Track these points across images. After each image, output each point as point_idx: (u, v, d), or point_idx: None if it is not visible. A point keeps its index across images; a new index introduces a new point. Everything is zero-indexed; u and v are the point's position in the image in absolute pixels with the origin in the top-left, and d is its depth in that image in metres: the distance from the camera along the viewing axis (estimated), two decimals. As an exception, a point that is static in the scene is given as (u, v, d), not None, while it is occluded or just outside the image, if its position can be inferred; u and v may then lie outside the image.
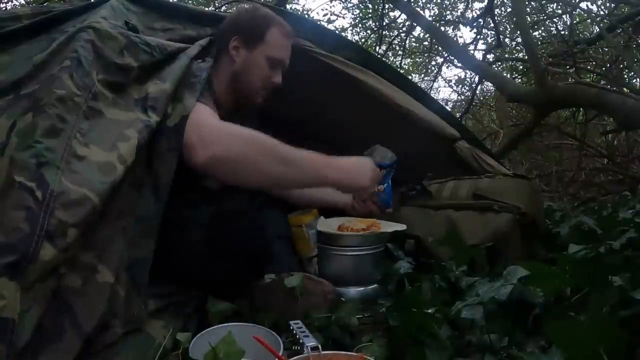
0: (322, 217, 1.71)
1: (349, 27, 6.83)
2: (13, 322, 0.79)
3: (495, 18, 4.81)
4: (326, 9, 13.85)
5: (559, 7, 5.00)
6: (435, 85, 7.38)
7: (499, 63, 5.42)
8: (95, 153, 0.99)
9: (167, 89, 1.17)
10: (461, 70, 6.40)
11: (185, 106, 1.17)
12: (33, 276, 0.83)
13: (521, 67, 5.44)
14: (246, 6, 1.57)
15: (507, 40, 5.91)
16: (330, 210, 1.84)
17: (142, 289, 1.03)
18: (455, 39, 6.16)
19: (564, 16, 5.03)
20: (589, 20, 5.01)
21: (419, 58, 7.40)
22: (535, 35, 5.13)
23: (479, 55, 5.30)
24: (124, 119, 1.08)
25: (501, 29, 5.51)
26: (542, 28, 5.46)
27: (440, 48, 5.68)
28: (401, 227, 1.58)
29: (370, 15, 6.50)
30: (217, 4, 5.34)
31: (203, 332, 1.05)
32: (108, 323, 0.93)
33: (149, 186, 1.09)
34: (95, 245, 0.95)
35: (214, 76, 1.44)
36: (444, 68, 7.16)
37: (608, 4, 4.43)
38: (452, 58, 5.33)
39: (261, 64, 1.48)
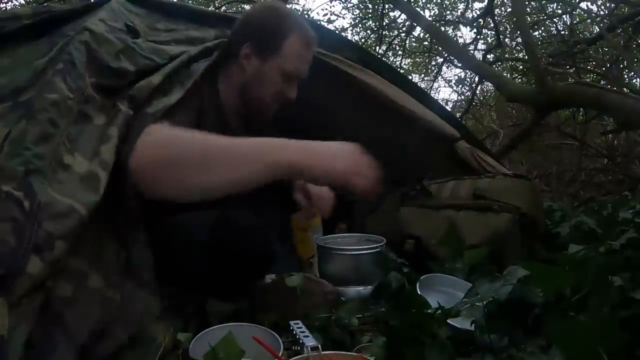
0: None
1: (349, 27, 6.85)
2: (2, 340, 0.76)
3: (495, 18, 4.82)
4: (326, 9, 13.82)
5: (559, 7, 5.01)
6: (435, 85, 7.40)
7: (499, 63, 5.42)
8: (79, 163, 0.95)
9: (153, 82, 1.12)
10: (461, 70, 6.40)
11: (170, 99, 1.08)
12: (20, 291, 0.79)
13: (521, 67, 5.45)
14: (263, 3, 1.41)
15: (507, 40, 5.91)
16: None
17: (148, 287, 0.99)
18: (455, 39, 6.16)
19: (564, 16, 5.05)
20: (589, 20, 5.02)
21: (419, 58, 7.41)
22: (535, 35, 5.13)
23: (479, 55, 5.30)
24: (108, 120, 1.04)
25: (501, 29, 5.52)
26: (542, 28, 5.47)
27: (440, 48, 5.68)
28: None
29: (370, 15, 6.51)
30: (217, 4, 5.34)
31: (203, 332, 1.05)
32: (105, 330, 0.90)
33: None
34: (84, 249, 0.92)
35: (223, 80, 1.38)
36: (444, 68, 7.14)
37: (608, 4, 4.43)
38: (452, 58, 5.33)
39: (274, 78, 1.35)
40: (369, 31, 6.67)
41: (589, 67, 4.58)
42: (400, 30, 6.30)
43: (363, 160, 1.04)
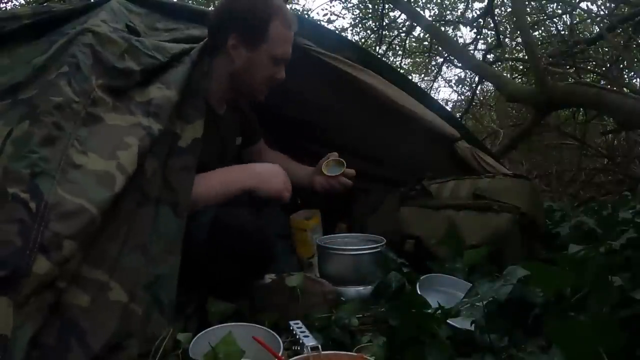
0: None
1: (349, 27, 6.84)
2: (6, 339, 0.77)
3: (495, 18, 4.81)
4: (326, 9, 13.83)
5: (559, 7, 5.00)
6: (435, 85, 7.39)
7: (499, 63, 5.42)
8: (93, 161, 0.97)
9: (172, 97, 1.15)
10: (461, 70, 6.40)
11: (195, 129, 1.19)
12: (27, 290, 0.80)
13: (521, 67, 5.44)
14: None
15: (507, 40, 5.91)
16: (328, 209, 1.84)
17: (167, 307, 1.00)
18: (455, 39, 6.16)
19: (564, 16, 5.04)
20: (589, 20, 5.01)
21: (419, 58, 7.40)
22: (535, 35, 5.13)
23: (479, 55, 5.29)
24: (124, 124, 1.06)
25: (501, 29, 5.51)
26: (542, 28, 5.46)
27: (440, 48, 5.68)
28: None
29: (370, 15, 6.50)
30: (217, 4, 5.34)
31: (203, 332, 1.05)
32: (121, 343, 0.90)
33: (167, 203, 1.08)
34: (104, 261, 0.93)
35: (211, 70, 1.37)
36: (444, 68, 7.12)
37: (608, 4, 4.43)
38: (452, 58, 5.33)
39: (265, 64, 1.39)
40: (369, 31, 6.66)
41: (589, 67, 4.58)
42: (400, 30, 6.29)
43: (287, 178, 1.40)
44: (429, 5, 6.35)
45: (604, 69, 4.40)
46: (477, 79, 5.31)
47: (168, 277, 1.02)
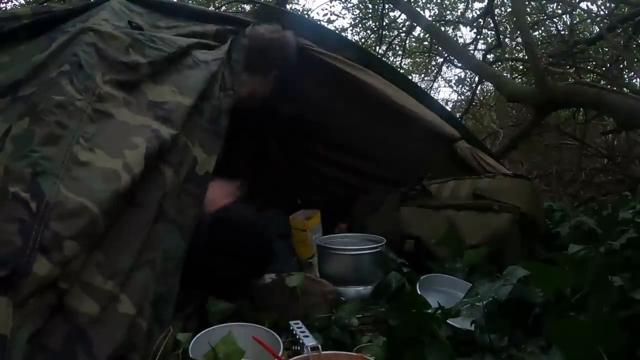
0: None
1: (349, 27, 6.82)
2: (5, 339, 0.77)
3: (495, 18, 4.81)
4: (326, 9, 13.79)
5: (559, 7, 5.00)
6: (435, 85, 7.37)
7: (499, 63, 5.41)
8: (100, 158, 0.97)
9: (186, 104, 1.15)
10: (461, 70, 6.39)
11: (210, 162, 1.20)
12: (27, 291, 0.80)
13: (521, 67, 5.43)
14: (289, 36, 1.57)
15: (507, 40, 5.90)
16: (328, 209, 1.84)
17: (165, 325, 1.01)
18: (455, 39, 6.15)
19: (564, 16, 5.04)
20: (589, 20, 5.01)
21: (419, 58, 7.39)
22: (535, 35, 5.12)
23: (479, 55, 5.29)
24: (134, 122, 1.06)
25: (501, 29, 5.50)
26: (542, 28, 5.46)
27: (440, 48, 5.67)
28: None
29: (370, 15, 6.50)
30: (217, 4, 5.34)
31: (203, 332, 1.05)
32: (125, 356, 0.91)
33: (177, 223, 1.08)
34: (116, 273, 0.93)
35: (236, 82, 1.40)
36: (444, 68, 7.10)
37: (608, 4, 4.42)
38: (452, 58, 5.32)
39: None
40: (369, 31, 6.65)
41: (589, 67, 4.58)
42: (400, 30, 6.29)
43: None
44: (429, 5, 6.34)
45: (604, 69, 4.39)
46: (477, 79, 5.30)
47: (168, 297, 1.03)
